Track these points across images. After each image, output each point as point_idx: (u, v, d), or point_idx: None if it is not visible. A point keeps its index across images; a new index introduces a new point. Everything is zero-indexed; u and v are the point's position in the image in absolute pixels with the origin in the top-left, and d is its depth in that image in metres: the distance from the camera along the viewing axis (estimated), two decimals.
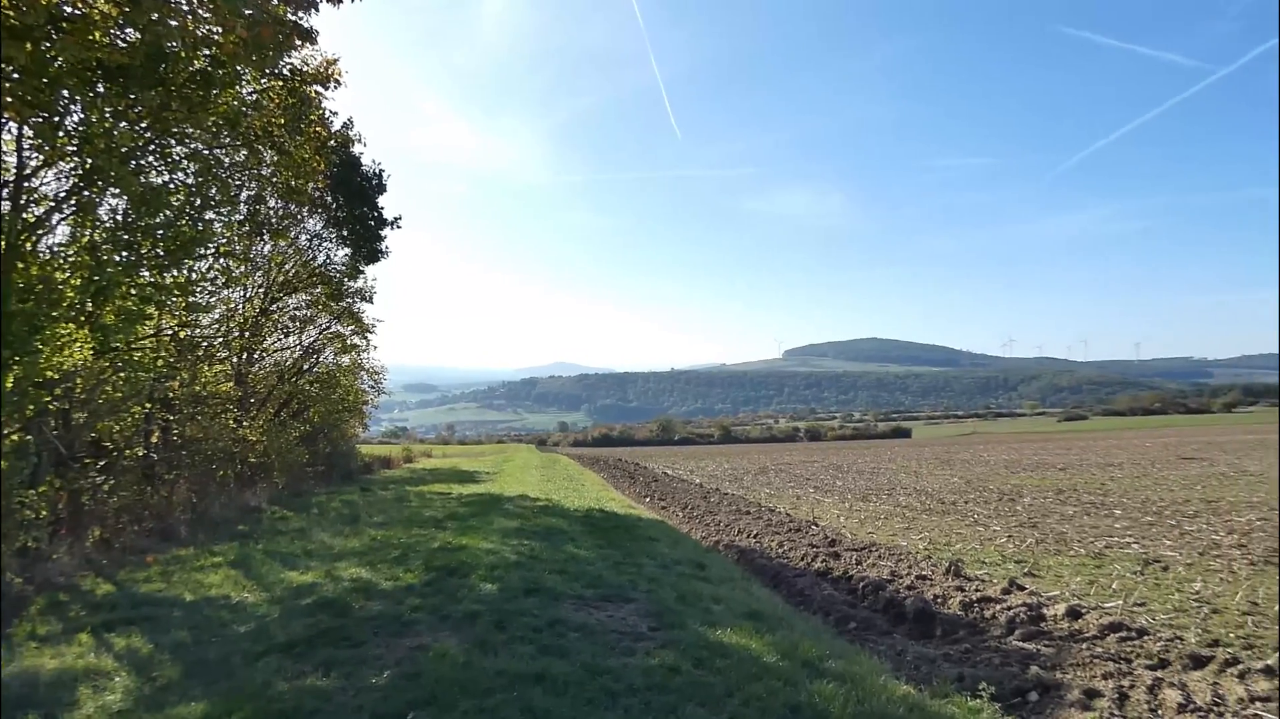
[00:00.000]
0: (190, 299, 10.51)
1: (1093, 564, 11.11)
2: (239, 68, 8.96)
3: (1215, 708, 5.30)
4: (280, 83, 11.20)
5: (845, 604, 9.15)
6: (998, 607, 8.26)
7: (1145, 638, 7.00)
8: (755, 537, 14.44)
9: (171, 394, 12.85)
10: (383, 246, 21.75)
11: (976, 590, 9.04)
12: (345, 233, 20.67)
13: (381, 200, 21.41)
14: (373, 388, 28.16)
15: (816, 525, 15.76)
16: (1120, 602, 8.65)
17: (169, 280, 9.57)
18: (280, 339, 21.68)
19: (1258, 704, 5.32)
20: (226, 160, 10.85)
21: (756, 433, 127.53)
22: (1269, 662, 6.17)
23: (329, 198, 19.35)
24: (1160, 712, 5.29)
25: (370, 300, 23.35)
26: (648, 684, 5.38)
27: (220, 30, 7.35)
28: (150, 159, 9.23)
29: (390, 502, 18.44)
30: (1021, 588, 9.27)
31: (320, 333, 23.11)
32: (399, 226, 21.83)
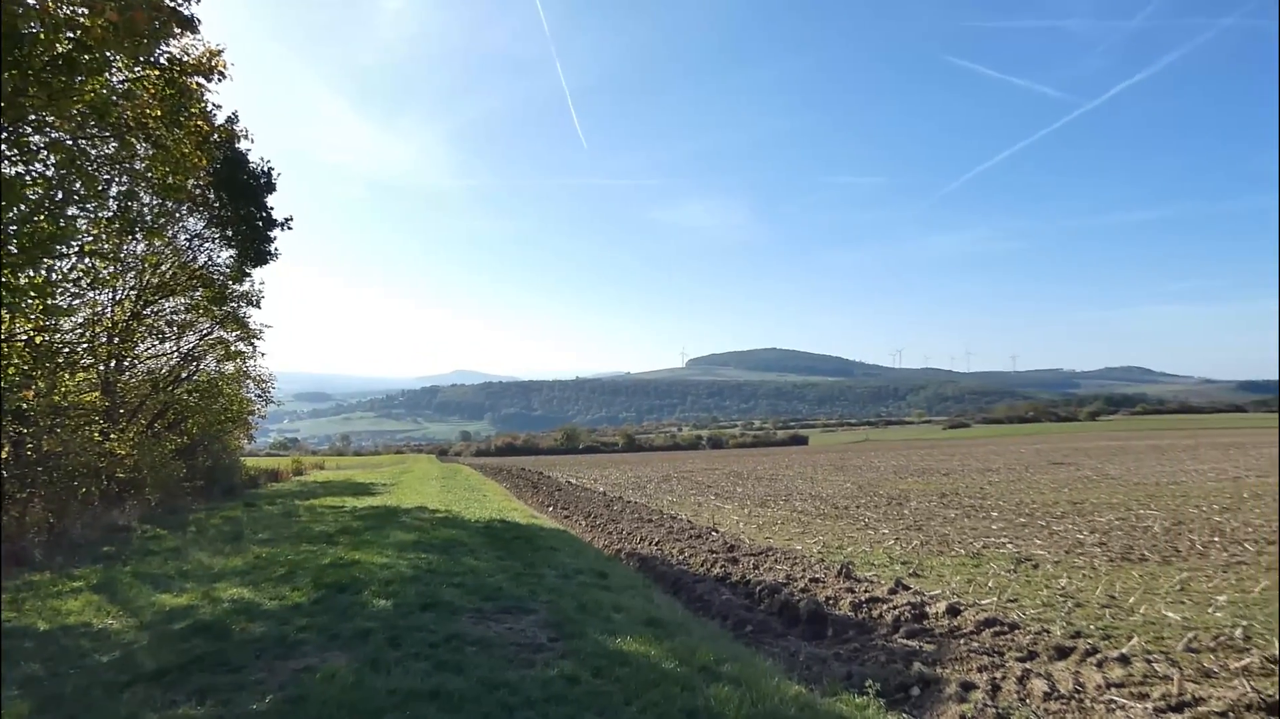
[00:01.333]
0: (49, 301, 9.66)
1: (971, 564, 11.81)
2: (109, 53, 8.34)
3: (1076, 695, 5.73)
4: (157, 72, 10.48)
5: (743, 608, 9.36)
6: (885, 606, 8.65)
7: (1016, 632, 7.50)
8: (657, 544, 14.57)
9: (25, 405, 11.76)
10: (272, 248, 20.71)
11: (866, 591, 9.44)
12: (230, 233, 19.55)
13: (271, 200, 20.38)
14: (260, 397, 26.71)
15: (717, 531, 16.05)
16: (995, 598, 9.23)
17: (23, 281, 8.77)
18: (155, 345, 20.27)
19: (1113, 690, 5.80)
20: (93, 152, 10.06)
21: (660, 441, 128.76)
22: (1123, 650, 6.73)
23: (212, 196, 18.27)
24: (1028, 701, 5.68)
25: (258, 305, 22.18)
26: (546, 696, 5.34)
27: (87, 12, 6.83)
28: (2, 148, 8.45)
29: (277, 517, 17.52)
30: (907, 588, 9.74)
31: (201, 339, 21.74)
32: (290, 228, 20.86)
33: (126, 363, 18.67)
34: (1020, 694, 5.78)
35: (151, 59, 10.21)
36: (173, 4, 7.32)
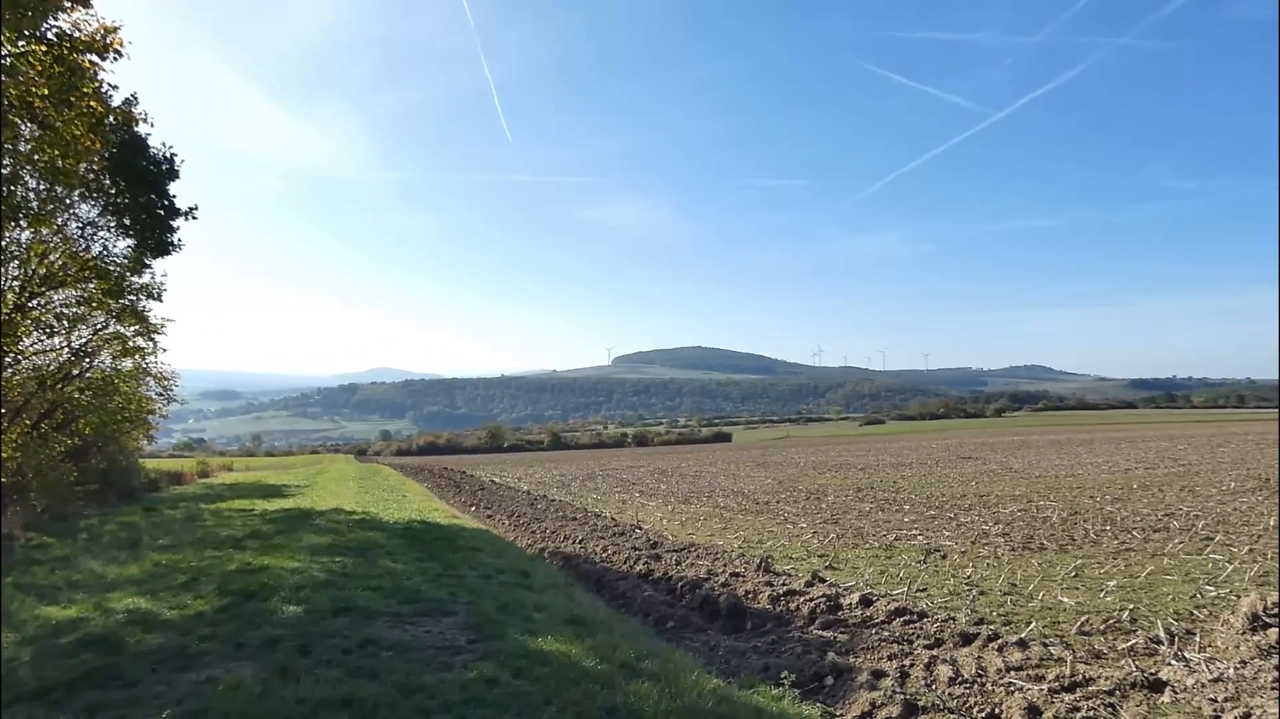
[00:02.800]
0: None
1: (884, 555, 12.24)
2: None
3: (979, 679, 6.00)
4: (44, 48, 9.75)
5: (665, 604, 9.43)
6: (802, 599, 8.87)
7: (925, 620, 7.80)
8: (581, 542, 14.53)
9: None
10: (175, 239, 19.55)
11: (784, 585, 9.65)
12: (128, 222, 18.37)
13: (174, 188, 19.24)
14: (161, 395, 25.22)
15: (640, 529, 16.13)
16: (905, 588, 9.59)
17: None
18: (42, 340, 18.89)
19: (1012, 673, 6.10)
20: None
21: (586, 439, 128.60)
22: (1022, 635, 7.09)
23: (108, 181, 17.14)
24: (934, 686, 5.91)
25: (159, 298, 20.92)
26: (464, 698, 5.24)
27: None
28: None
29: (180, 522, 16.64)
30: (823, 580, 10.01)
31: (95, 333, 20.39)
32: (194, 217, 19.74)
33: (9, 359, 17.34)
34: (927, 680, 6.02)
35: (38, 33, 9.50)
36: None
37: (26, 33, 8.94)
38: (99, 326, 20.31)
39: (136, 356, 22.31)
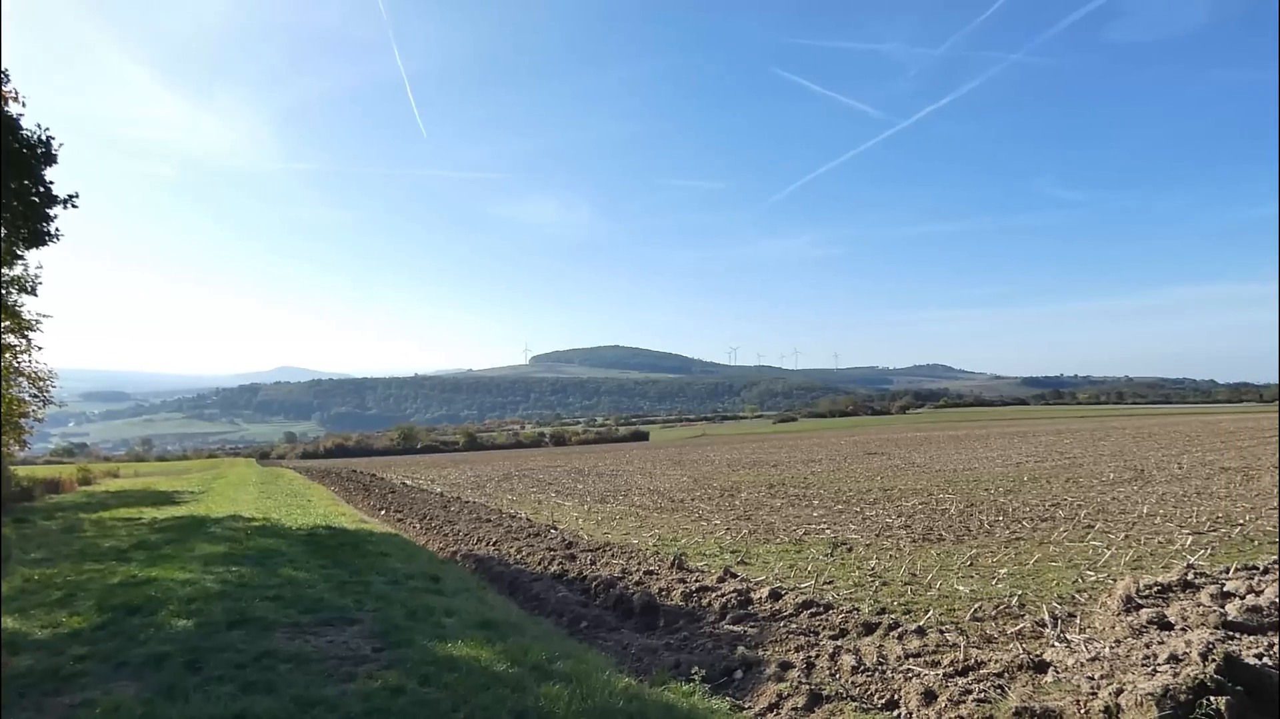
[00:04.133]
0: None
1: (794, 549, 12.56)
2: None
3: (879, 666, 6.22)
4: None
5: (579, 604, 9.39)
6: (714, 594, 8.99)
7: (831, 612, 8.04)
8: (495, 544, 14.30)
9: None
10: (52, 228, 18.14)
11: (696, 581, 9.77)
12: None
13: (52, 173, 17.87)
14: (35, 397, 23.44)
15: (556, 529, 16.02)
16: (813, 581, 9.86)
17: None
18: None
19: (911, 659, 6.35)
20: None
21: (503, 439, 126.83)
22: (920, 623, 7.40)
23: None
24: (838, 675, 6.10)
25: (33, 292, 19.47)
26: (367, 709, 5.07)
27: None
28: None
29: (56, 533, 15.44)
30: (735, 575, 10.18)
31: None
32: (75, 205, 18.35)
33: None
34: (832, 670, 6.20)
35: None
36: None
37: None
38: None
39: (7, 355, 20.66)
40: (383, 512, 22.12)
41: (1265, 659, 5.56)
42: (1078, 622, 7.37)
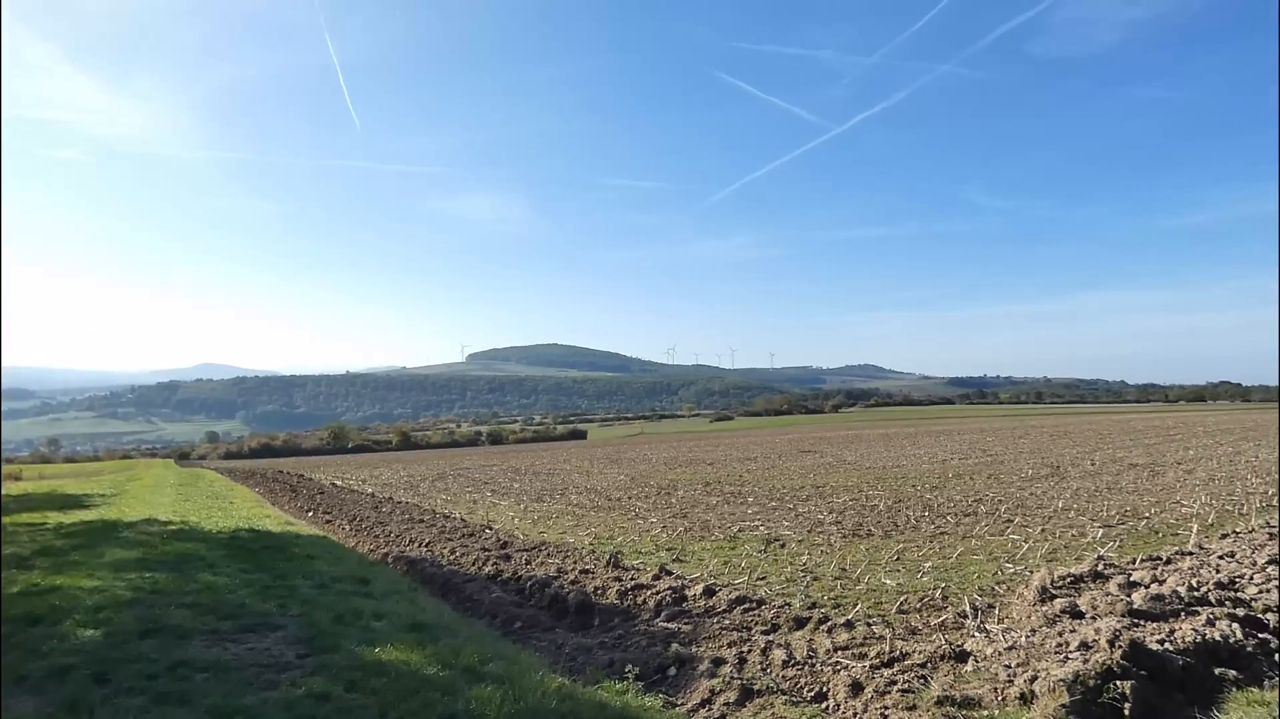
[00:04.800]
0: None
1: (729, 546, 12.71)
2: None
3: (809, 660, 6.35)
4: None
5: (513, 605, 9.29)
6: (649, 592, 9.02)
7: (763, 607, 8.16)
8: (427, 545, 14.03)
9: None
10: None
11: (632, 579, 9.78)
12: None
13: None
14: None
15: (491, 529, 15.82)
16: (746, 578, 9.99)
17: None
18: None
19: (839, 652, 6.49)
20: None
21: (438, 438, 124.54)
22: (849, 616, 7.57)
23: None
24: (769, 670, 6.19)
25: None
26: (290, 718, 4.89)
27: None
28: None
29: None
30: (670, 573, 10.23)
31: None
32: None
33: None
34: (763, 664, 6.29)
35: None
36: None
37: None
38: None
39: None
40: (310, 513, 21.45)
41: (1167, 645, 5.89)
42: (996, 612, 7.67)
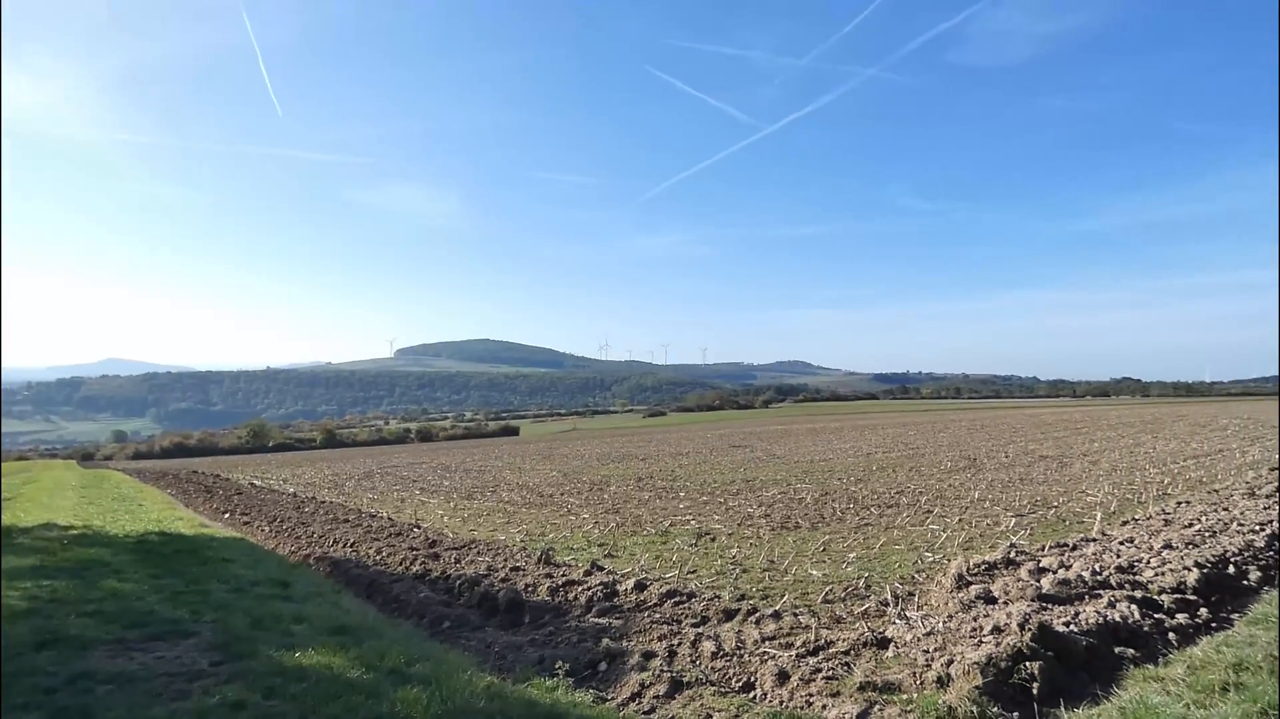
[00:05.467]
0: None
1: (660, 541, 12.78)
2: None
3: (738, 651, 6.44)
4: None
5: (442, 604, 9.12)
6: (580, 588, 8.99)
7: (693, 600, 8.24)
8: (352, 545, 13.64)
9: None
10: None
11: (563, 575, 9.74)
12: None
13: None
14: None
15: (419, 528, 15.49)
16: (677, 571, 10.08)
17: None
18: None
19: (767, 642, 6.61)
20: None
21: (365, 436, 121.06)
22: (776, 607, 7.72)
23: None
24: (699, 662, 6.26)
25: None
26: None
27: None
28: None
29: None
30: (601, 569, 10.23)
31: None
32: None
33: None
34: (693, 657, 6.36)
35: None
36: None
37: None
38: None
39: None
40: (227, 515, 20.58)
41: (1072, 627, 6.21)
42: (916, 600, 7.95)
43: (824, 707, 5.16)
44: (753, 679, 5.83)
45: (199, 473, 42.85)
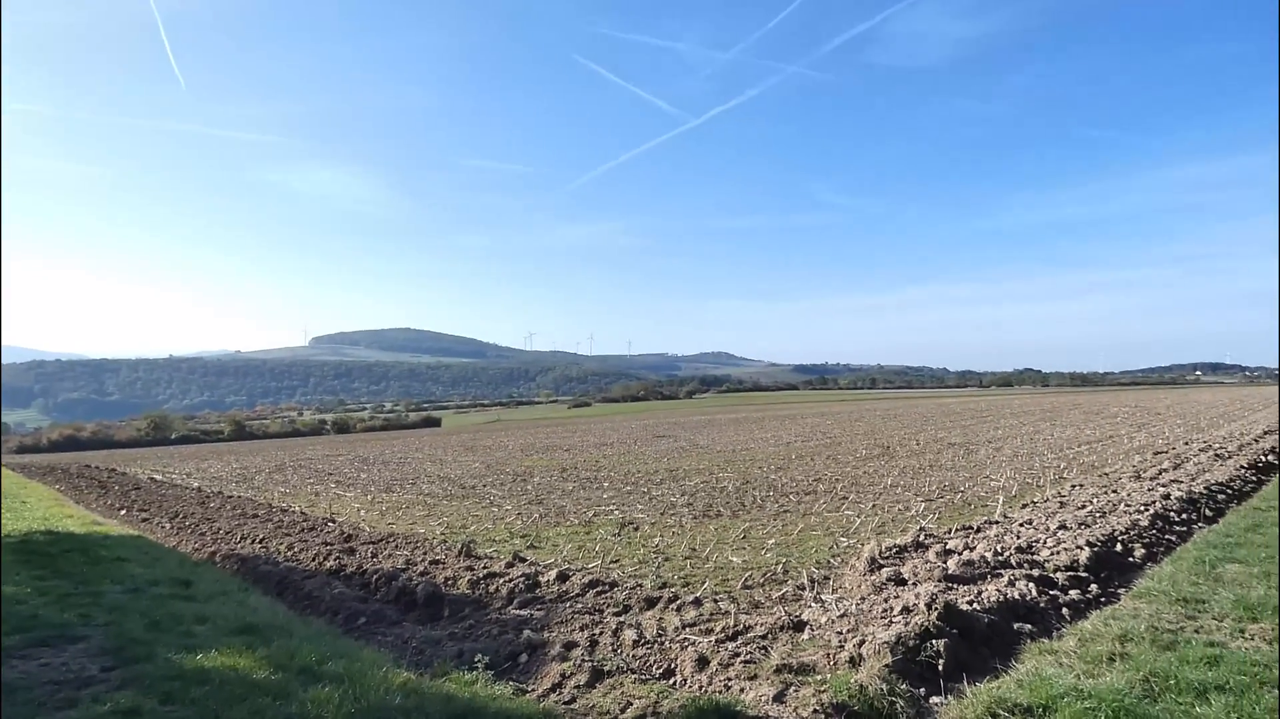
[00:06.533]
0: None
1: (584, 531, 12.76)
2: None
3: (659, 638, 6.49)
4: None
5: (357, 600, 8.85)
6: (502, 580, 8.88)
7: (616, 589, 8.26)
8: (262, 541, 13.09)
9: None
10: None
11: (485, 568, 9.60)
12: None
13: None
14: None
15: (334, 522, 14.99)
16: (600, 561, 10.07)
17: None
18: None
19: (688, 629, 6.68)
20: None
21: (277, 427, 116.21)
22: (697, 594, 7.81)
23: None
24: (620, 650, 6.27)
25: None
26: None
27: None
28: None
29: None
30: (524, 560, 10.14)
31: None
32: None
33: None
34: (614, 645, 6.37)
35: None
36: None
37: None
38: None
39: None
40: (124, 511, 19.42)
41: (975, 605, 6.52)
42: (831, 583, 8.19)
43: (742, 690, 5.25)
44: (673, 666, 5.88)
45: (92, 467, 40.29)
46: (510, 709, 5.18)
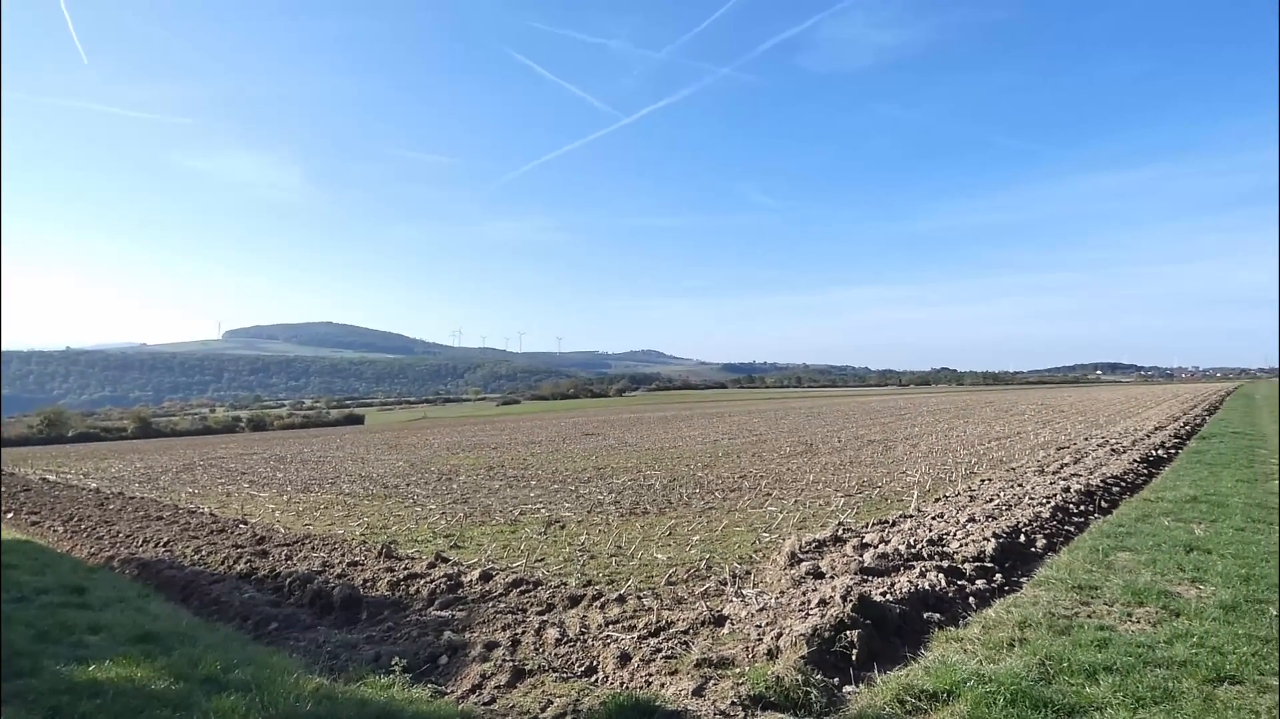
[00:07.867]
0: None
1: (509, 530, 12.62)
2: None
3: (582, 636, 6.47)
4: None
5: (269, 604, 8.51)
6: (423, 581, 8.69)
7: (539, 588, 8.19)
8: (166, 545, 12.44)
9: None
10: None
11: (405, 569, 9.37)
12: None
13: None
14: None
15: (246, 523, 14.38)
16: (525, 560, 9.99)
17: None
18: None
19: (611, 626, 6.69)
20: None
21: (186, 425, 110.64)
22: (621, 591, 7.83)
23: None
24: (542, 649, 6.23)
25: None
26: None
27: None
28: None
29: None
30: (446, 560, 9.95)
31: None
32: None
33: None
34: (537, 644, 6.32)
35: None
36: None
37: None
38: None
39: None
40: (11, 514, 18.14)
41: (888, 596, 6.75)
42: (753, 578, 8.34)
43: (663, 685, 5.29)
44: (595, 663, 5.88)
45: None
46: (427, 712, 5.07)
